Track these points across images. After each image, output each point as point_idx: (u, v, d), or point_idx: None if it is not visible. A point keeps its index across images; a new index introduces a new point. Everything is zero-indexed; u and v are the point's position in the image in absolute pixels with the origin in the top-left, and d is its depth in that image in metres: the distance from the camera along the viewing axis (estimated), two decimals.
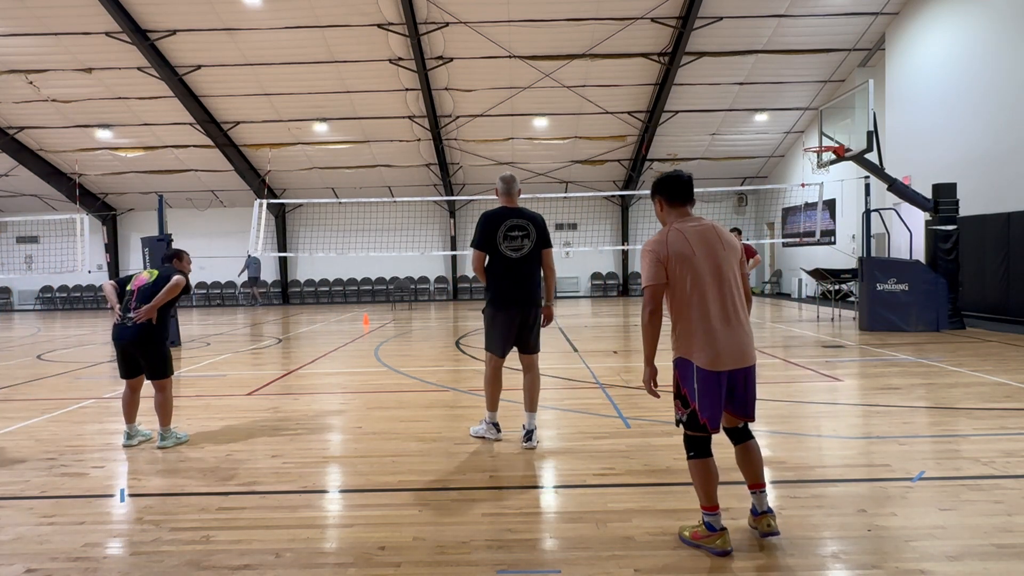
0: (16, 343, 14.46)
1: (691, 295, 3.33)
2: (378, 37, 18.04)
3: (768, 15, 17.32)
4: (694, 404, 3.35)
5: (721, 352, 3.30)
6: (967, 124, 14.51)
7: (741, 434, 3.58)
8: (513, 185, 5.46)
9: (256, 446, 5.59)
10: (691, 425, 3.42)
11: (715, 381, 3.31)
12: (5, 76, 19.32)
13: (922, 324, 12.47)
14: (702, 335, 3.32)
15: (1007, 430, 5.52)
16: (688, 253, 3.35)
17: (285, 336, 14.65)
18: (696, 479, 3.45)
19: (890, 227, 15.82)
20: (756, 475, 3.52)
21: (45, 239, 26.15)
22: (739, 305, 3.40)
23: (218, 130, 22.03)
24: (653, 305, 3.36)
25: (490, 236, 5.25)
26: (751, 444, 3.57)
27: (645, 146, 22.63)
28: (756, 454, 3.55)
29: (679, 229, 3.43)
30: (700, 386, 3.33)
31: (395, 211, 25.72)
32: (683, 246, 3.36)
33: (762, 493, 3.51)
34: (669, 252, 3.35)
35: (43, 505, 4.32)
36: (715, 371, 3.30)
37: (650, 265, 3.38)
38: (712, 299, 3.33)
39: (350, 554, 3.49)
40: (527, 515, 4.00)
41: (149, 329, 5.58)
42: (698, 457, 3.43)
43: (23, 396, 8.08)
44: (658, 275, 3.36)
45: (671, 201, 3.55)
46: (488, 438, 5.49)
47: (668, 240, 3.39)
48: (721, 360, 3.30)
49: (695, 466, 3.44)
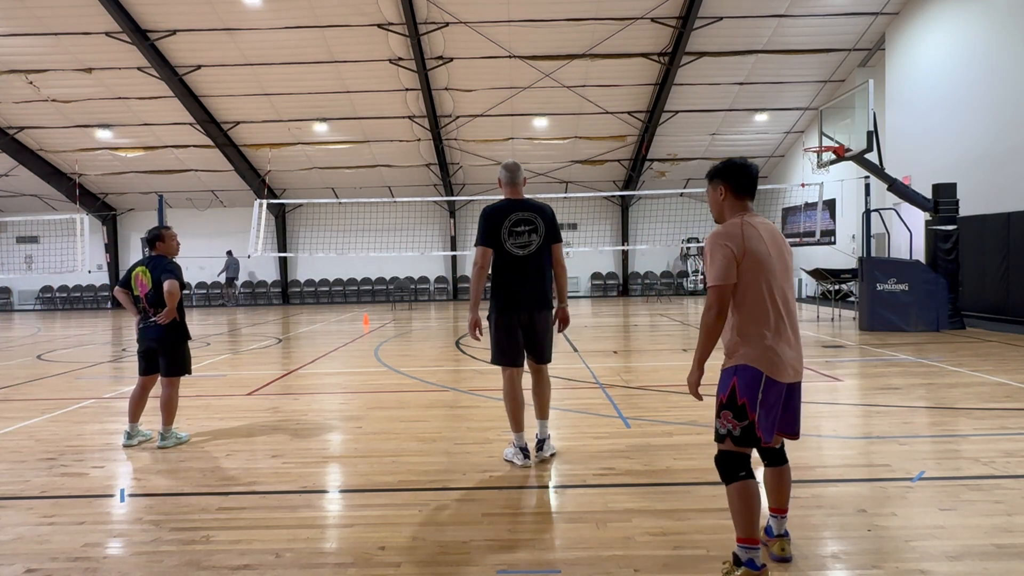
0: (16, 343, 14.46)
1: (766, 299, 3.05)
2: (378, 37, 18.04)
3: (768, 15, 17.32)
4: (753, 415, 3.03)
5: (787, 362, 3.08)
6: (967, 124, 14.50)
7: (779, 455, 3.30)
8: (518, 173, 4.88)
9: (256, 446, 5.59)
10: (744, 439, 3.06)
11: (779, 392, 3.07)
12: (5, 76, 19.32)
13: (922, 324, 12.47)
14: (773, 342, 3.05)
15: (1007, 430, 5.52)
16: (764, 252, 3.06)
17: (285, 336, 14.65)
18: (739, 506, 3.03)
19: (890, 227, 15.82)
20: (783, 501, 3.30)
21: (45, 239, 26.15)
22: (795, 314, 3.20)
23: (218, 130, 22.03)
24: (719, 307, 3.05)
25: (494, 232, 4.71)
26: (787, 468, 3.31)
27: (645, 146, 22.63)
28: (789, 478, 3.32)
29: (752, 224, 3.11)
30: (764, 397, 3.03)
31: (395, 211, 25.72)
32: (759, 244, 3.06)
33: (783, 518, 3.31)
34: (746, 248, 3.03)
35: (43, 505, 4.31)
36: (782, 382, 3.07)
37: (723, 261, 3.03)
38: (783, 305, 3.09)
39: (350, 554, 3.49)
40: (527, 515, 4.00)
41: (172, 327, 5.68)
42: (748, 478, 3.05)
43: (23, 396, 8.07)
44: (730, 273, 3.03)
45: (738, 192, 3.21)
46: (516, 463, 4.85)
47: (745, 235, 3.05)
48: (787, 371, 3.07)
49: (742, 489, 3.03)
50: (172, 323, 5.66)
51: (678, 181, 25.76)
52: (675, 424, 5.84)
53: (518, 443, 4.86)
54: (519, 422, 4.84)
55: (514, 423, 4.84)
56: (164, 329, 5.64)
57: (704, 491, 4.27)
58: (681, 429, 5.73)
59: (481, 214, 4.80)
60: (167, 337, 5.66)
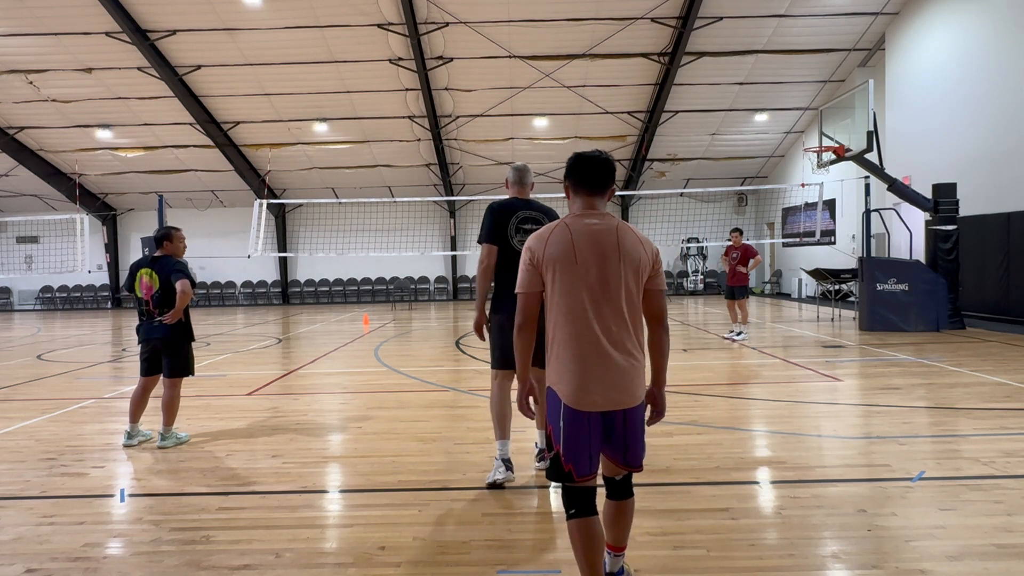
0: (16, 343, 14.46)
1: (563, 312, 2.67)
2: (378, 37, 18.04)
3: (768, 15, 17.32)
4: (558, 446, 2.66)
5: (592, 388, 2.61)
6: (967, 124, 14.50)
7: (619, 488, 2.83)
8: (527, 175, 4.88)
9: (256, 446, 5.59)
10: (555, 472, 2.70)
11: (583, 421, 2.63)
12: (5, 76, 19.32)
13: (922, 324, 12.47)
14: (571, 363, 2.64)
15: (1007, 430, 5.52)
16: (567, 258, 2.67)
17: (285, 336, 14.65)
18: (575, 545, 2.69)
19: (890, 227, 15.82)
20: (621, 538, 2.91)
21: (45, 239, 26.15)
22: (627, 330, 2.67)
23: (218, 130, 22.03)
24: (523, 317, 2.76)
25: (500, 228, 4.60)
26: (628, 504, 2.85)
27: (645, 146, 22.63)
28: (629, 516, 2.89)
29: (568, 225, 2.74)
30: (566, 425, 2.64)
31: (395, 211, 25.71)
32: (564, 249, 2.68)
33: (617, 556, 2.93)
34: (545, 254, 2.71)
35: (43, 505, 4.31)
36: (582, 411, 2.63)
37: (523, 268, 2.78)
38: (589, 320, 2.64)
39: (350, 554, 3.49)
40: (527, 515, 4.00)
41: (178, 327, 5.67)
42: (578, 516, 2.67)
43: (23, 396, 8.07)
44: (530, 281, 2.74)
45: (577, 186, 2.82)
46: (498, 479, 4.48)
47: (548, 239, 2.73)
48: (590, 397, 2.61)
49: (574, 528, 2.68)
50: (178, 323, 5.65)
51: (678, 181, 25.75)
52: (675, 424, 5.84)
53: (502, 454, 4.59)
54: (505, 429, 4.65)
55: (499, 429, 4.64)
56: (170, 329, 5.62)
57: (704, 491, 4.27)
58: (681, 429, 5.73)
59: (487, 209, 4.71)
60: (173, 337, 5.65)
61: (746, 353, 10.33)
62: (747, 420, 6.29)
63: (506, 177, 4.92)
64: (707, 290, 26.52)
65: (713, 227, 25.61)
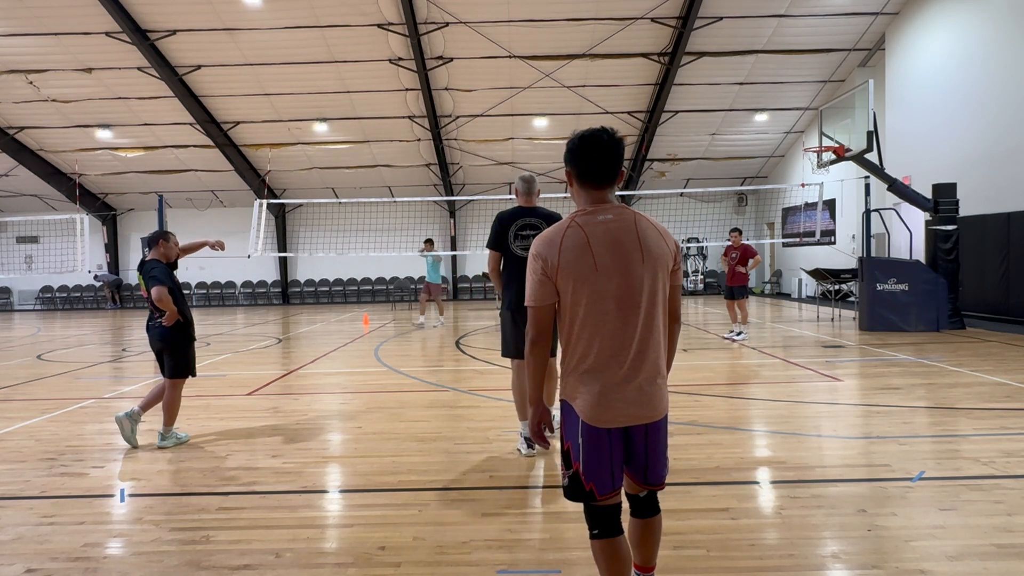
0: (16, 343, 14.46)
1: (584, 323, 2.42)
2: (378, 37, 18.04)
3: (768, 15, 17.32)
4: (577, 464, 2.47)
5: (613, 403, 2.41)
6: (967, 124, 14.50)
7: (644, 505, 2.66)
8: (533, 185, 5.38)
9: (256, 446, 5.59)
10: (574, 491, 2.50)
11: (603, 438, 2.44)
12: (5, 76, 19.32)
13: (922, 324, 12.47)
14: (591, 378, 2.42)
15: (1007, 430, 5.52)
16: (586, 266, 2.38)
17: (285, 336, 14.65)
18: (600, 567, 2.54)
19: (890, 227, 15.82)
20: (649, 558, 2.74)
21: (45, 239, 26.14)
22: (653, 340, 2.44)
23: (218, 130, 22.03)
24: (535, 331, 2.47)
25: (502, 235, 5.20)
26: (654, 521, 2.68)
27: (645, 146, 22.63)
28: (657, 534, 2.72)
29: (581, 226, 2.43)
30: (585, 442, 2.45)
31: (395, 211, 25.70)
32: (581, 255, 2.39)
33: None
34: (560, 262, 2.39)
35: (43, 505, 4.32)
36: (602, 428, 2.43)
37: (534, 278, 2.45)
38: (613, 331, 2.40)
39: (350, 554, 3.49)
40: (527, 515, 4.00)
41: (177, 328, 5.69)
42: (602, 536, 2.50)
43: (23, 396, 8.08)
44: (543, 293, 2.44)
45: (583, 178, 2.51)
46: (520, 452, 5.20)
47: (562, 245, 2.41)
48: (611, 414, 2.42)
49: (598, 549, 2.52)
50: (176, 324, 5.67)
51: (678, 181, 25.76)
52: (675, 424, 5.84)
53: (524, 432, 5.23)
54: (526, 412, 4.99)
55: (521, 411, 5.28)
56: (169, 330, 5.65)
57: (704, 491, 4.27)
58: (681, 429, 5.73)
59: (495, 217, 5.32)
60: (172, 338, 5.67)
61: (746, 353, 10.33)
62: (747, 420, 6.29)
63: (515, 187, 5.44)
64: (707, 290, 26.52)
65: (713, 227, 25.61)
